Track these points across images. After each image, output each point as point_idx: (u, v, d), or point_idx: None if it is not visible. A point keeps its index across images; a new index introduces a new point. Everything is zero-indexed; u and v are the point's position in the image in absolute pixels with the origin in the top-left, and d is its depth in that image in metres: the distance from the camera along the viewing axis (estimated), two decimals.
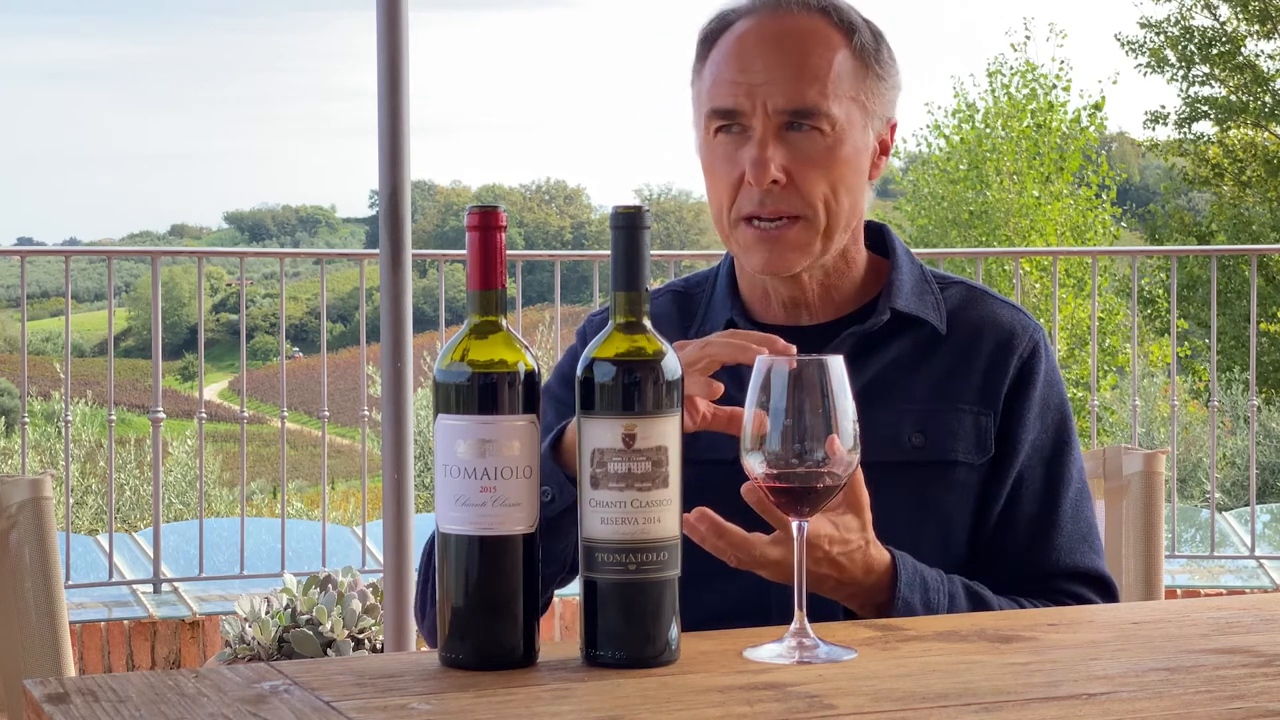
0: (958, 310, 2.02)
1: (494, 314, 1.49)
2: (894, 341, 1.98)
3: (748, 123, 1.92)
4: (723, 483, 1.69)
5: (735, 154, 1.93)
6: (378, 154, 2.91)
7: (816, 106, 1.91)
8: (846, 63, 1.94)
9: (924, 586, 1.83)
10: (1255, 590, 6.38)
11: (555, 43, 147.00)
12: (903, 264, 2.03)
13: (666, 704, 1.35)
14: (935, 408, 1.95)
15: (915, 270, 2.04)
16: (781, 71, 1.91)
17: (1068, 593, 1.97)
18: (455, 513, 1.47)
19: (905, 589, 1.80)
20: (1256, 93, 25.07)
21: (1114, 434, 15.50)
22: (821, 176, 1.92)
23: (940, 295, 2.03)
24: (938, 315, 2.00)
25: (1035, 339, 2.02)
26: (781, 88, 1.91)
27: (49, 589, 2.16)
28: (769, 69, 1.91)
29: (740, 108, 1.91)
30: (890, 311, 1.98)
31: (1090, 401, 6.97)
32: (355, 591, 4.81)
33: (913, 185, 24.51)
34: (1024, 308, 2.06)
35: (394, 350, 2.89)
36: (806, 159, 1.91)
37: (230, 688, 1.39)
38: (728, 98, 1.92)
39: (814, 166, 1.92)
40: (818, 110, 1.91)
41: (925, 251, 11.41)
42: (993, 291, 2.07)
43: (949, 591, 1.86)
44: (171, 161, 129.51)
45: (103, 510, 12.07)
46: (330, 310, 7.35)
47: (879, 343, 1.97)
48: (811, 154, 1.92)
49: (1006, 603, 1.91)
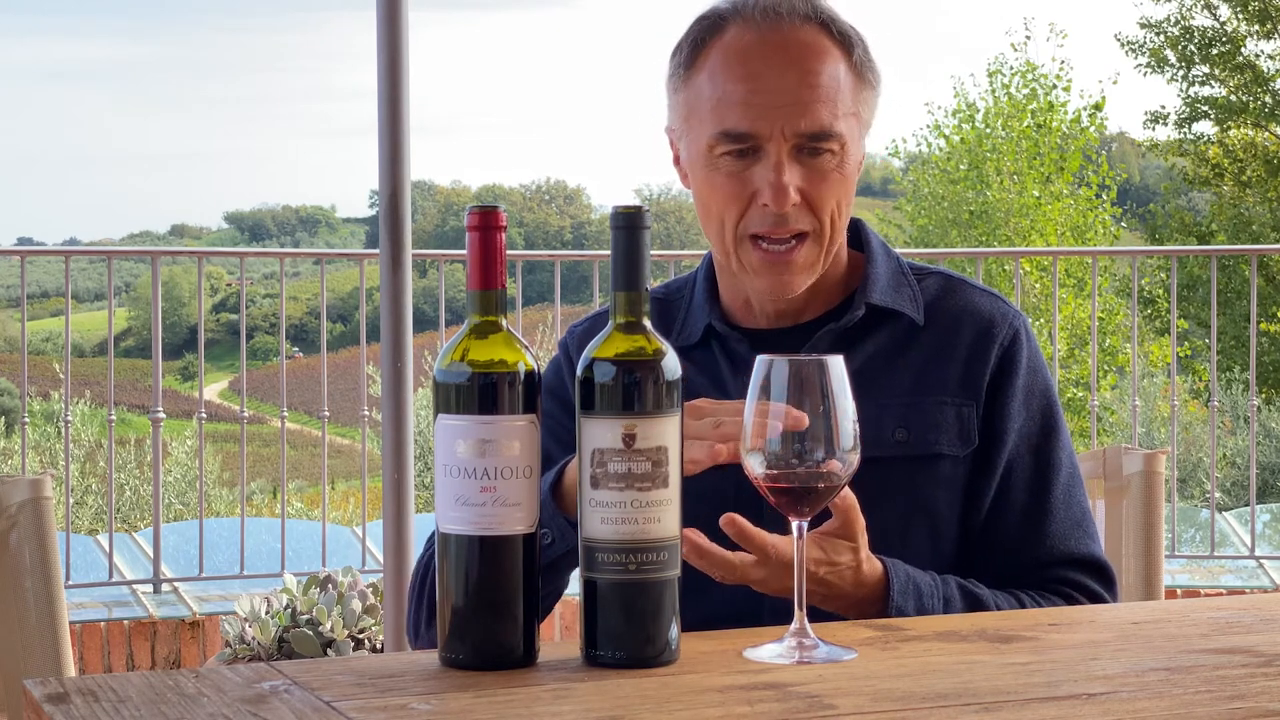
0: (936, 300, 2.01)
1: (494, 314, 1.49)
2: (871, 336, 1.97)
3: (761, 144, 1.89)
4: (712, 489, 1.68)
5: (744, 173, 1.91)
6: (378, 154, 2.92)
7: (831, 128, 1.90)
8: (848, 79, 1.93)
9: (917, 593, 1.82)
10: (1255, 590, 6.38)
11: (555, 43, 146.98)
12: (877, 257, 2.03)
13: (666, 704, 1.35)
14: (916, 401, 1.95)
15: (891, 262, 2.03)
16: (798, 93, 1.89)
17: (1066, 580, 1.96)
18: (455, 513, 1.47)
19: (898, 597, 1.80)
20: (1256, 93, 25.07)
21: (1114, 434, 15.50)
22: (831, 194, 1.92)
23: (917, 286, 2.01)
24: (914, 307, 1.99)
25: (1015, 326, 2.00)
26: (799, 110, 1.88)
27: (49, 589, 2.16)
28: (784, 89, 1.89)
29: (756, 130, 1.89)
30: (865, 306, 1.97)
31: (1090, 401, 6.97)
32: (355, 591, 4.81)
33: (913, 185, 24.52)
34: (1004, 295, 2.05)
35: (394, 350, 2.89)
36: (819, 179, 1.91)
37: (230, 688, 1.39)
38: (742, 120, 1.89)
39: (826, 185, 1.91)
40: (832, 132, 1.90)
41: (925, 251, 11.42)
42: (971, 280, 2.05)
43: (944, 595, 1.85)
44: (171, 161, 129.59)
45: (103, 510, 12.07)
46: (330, 310, 7.35)
47: (856, 338, 1.95)
48: (824, 173, 1.91)
49: (1004, 600, 1.91)
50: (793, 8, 1.92)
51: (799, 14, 1.92)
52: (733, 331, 2.00)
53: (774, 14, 1.92)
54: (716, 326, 2.00)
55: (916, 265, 2.06)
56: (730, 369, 1.98)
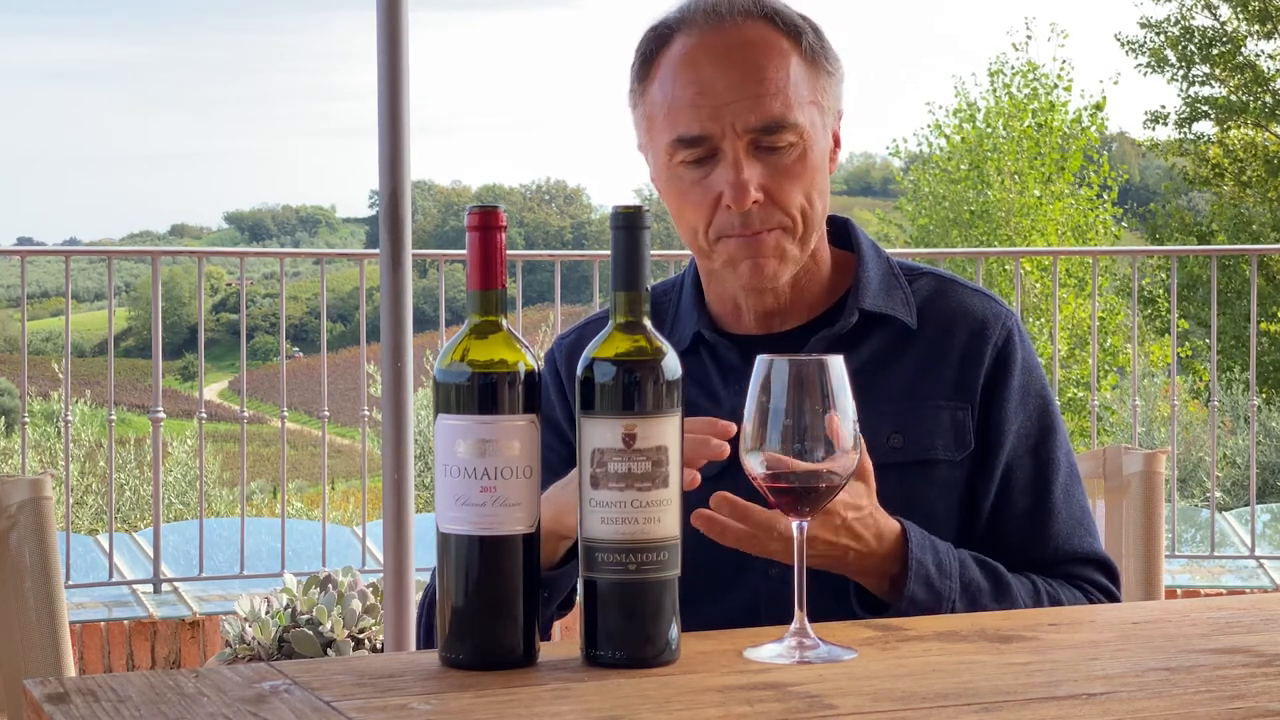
0: (928, 302, 2.00)
1: (494, 314, 1.49)
2: (864, 341, 1.96)
3: (717, 145, 1.88)
4: (703, 501, 1.67)
5: (706, 179, 1.89)
6: (378, 154, 2.91)
7: (784, 119, 1.88)
8: (800, 68, 1.91)
9: (934, 549, 1.82)
10: (1255, 590, 6.38)
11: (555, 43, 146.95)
12: (869, 260, 2.01)
13: (666, 704, 1.35)
14: (911, 406, 1.94)
15: (882, 264, 2.02)
16: (745, 88, 1.87)
17: (1072, 576, 1.96)
18: (455, 513, 1.47)
19: (917, 550, 1.80)
20: (1256, 93, 25.06)
21: (1114, 434, 15.49)
22: (797, 187, 1.90)
23: (909, 289, 2.00)
24: (907, 310, 1.98)
25: (1008, 326, 1.99)
26: (749, 105, 1.87)
27: (49, 589, 2.16)
28: (731, 87, 1.87)
29: (708, 132, 1.88)
30: (859, 312, 1.96)
31: (1090, 401, 6.97)
32: (355, 591, 4.81)
33: (913, 185, 24.53)
34: (995, 294, 2.04)
35: (394, 350, 2.89)
36: (781, 173, 1.89)
37: (230, 688, 1.39)
38: (693, 124, 1.88)
39: (789, 178, 1.89)
40: (785, 123, 1.88)
41: (926, 251, 11.42)
42: (962, 280, 2.04)
43: (959, 558, 1.85)
44: (171, 161, 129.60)
45: (103, 510, 12.06)
46: (330, 310, 7.34)
47: (849, 344, 1.93)
48: (785, 167, 1.89)
49: (1019, 578, 1.91)
50: (735, 6, 1.91)
51: (740, 11, 1.91)
52: (722, 339, 1.98)
53: (716, 15, 1.91)
54: (705, 334, 1.99)
55: (907, 265, 2.04)
56: (720, 377, 1.97)
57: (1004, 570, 1.90)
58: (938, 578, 1.81)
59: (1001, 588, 1.88)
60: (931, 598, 1.80)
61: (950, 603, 1.82)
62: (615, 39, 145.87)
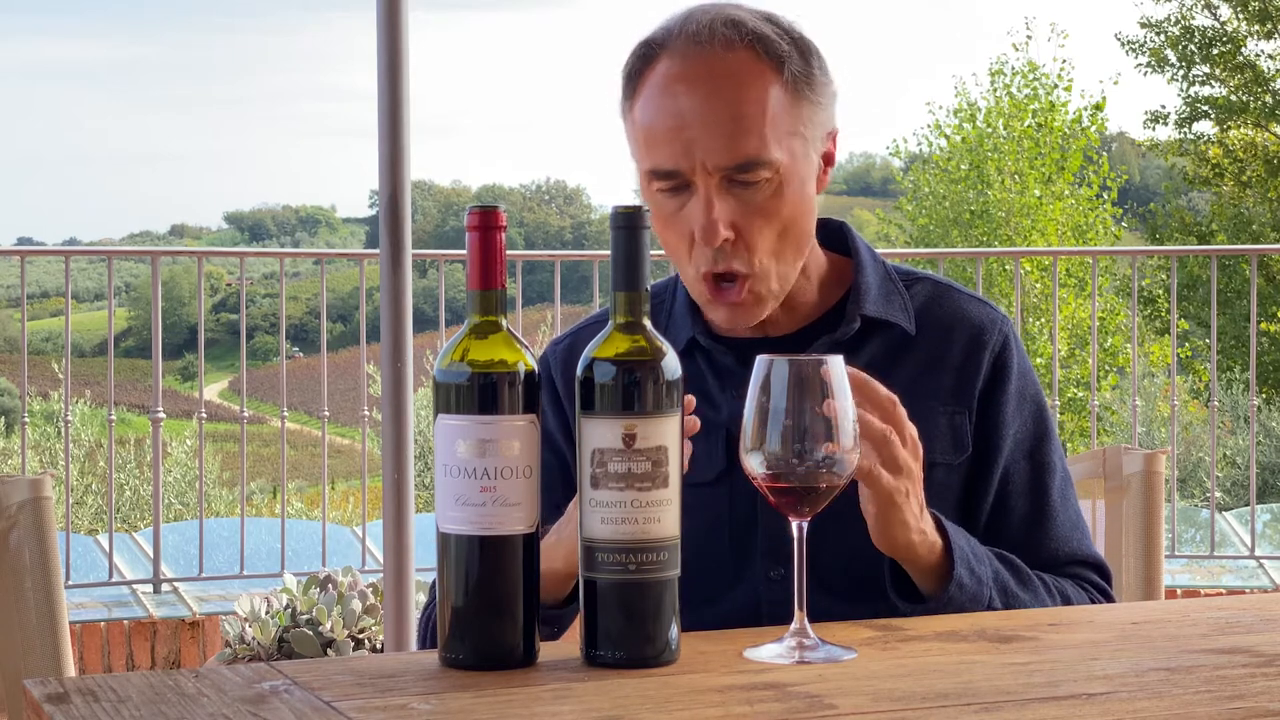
0: (925, 308, 1.99)
1: (494, 314, 1.49)
2: (864, 346, 1.95)
3: (689, 179, 1.85)
4: (704, 504, 1.67)
5: (681, 212, 1.87)
6: (378, 154, 2.91)
7: (757, 157, 1.84)
8: (781, 99, 1.86)
9: (965, 536, 1.82)
10: (1255, 590, 6.38)
11: (555, 43, 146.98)
12: (867, 265, 2.00)
13: (666, 704, 1.35)
14: (909, 410, 1.94)
15: (879, 269, 2.01)
16: (719, 126, 1.83)
17: (1075, 577, 1.96)
18: (455, 513, 1.47)
19: (952, 530, 1.79)
20: (1256, 93, 25.06)
21: (1114, 434, 15.50)
22: (769, 225, 1.86)
23: (907, 294, 2.00)
24: (906, 316, 1.98)
25: (1005, 331, 2.00)
26: (722, 144, 1.83)
27: (49, 589, 2.16)
28: (705, 124, 1.83)
29: (680, 167, 1.84)
30: (860, 318, 1.95)
31: (1090, 401, 6.97)
32: (355, 591, 4.81)
33: (913, 185, 24.52)
34: (989, 299, 2.04)
35: (394, 350, 2.89)
36: (754, 210, 1.85)
37: (230, 688, 1.39)
38: (666, 158, 1.85)
39: (761, 216, 1.86)
40: (759, 161, 1.84)
41: (925, 251, 11.42)
42: (958, 285, 2.04)
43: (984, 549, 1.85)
44: (171, 161, 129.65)
45: (103, 510, 12.07)
46: (330, 310, 7.34)
47: (849, 349, 1.91)
48: (757, 204, 1.85)
49: (1033, 576, 1.90)
50: (718, 34, 1.86)
51: (722, 40, 1.86)
52: (717, 344, 1.97)
53: (697, 42, 1.86)
54: (700, 340, 1.97)
55: (903, 270, 2.04)
56: (717, 383, 1.96)
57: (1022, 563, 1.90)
58: (975, 563, 1.81)
59: (1023, 578, 1.88)
60: (974, 582, 1.79)
61: (988, 587, 1.81)
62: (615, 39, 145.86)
